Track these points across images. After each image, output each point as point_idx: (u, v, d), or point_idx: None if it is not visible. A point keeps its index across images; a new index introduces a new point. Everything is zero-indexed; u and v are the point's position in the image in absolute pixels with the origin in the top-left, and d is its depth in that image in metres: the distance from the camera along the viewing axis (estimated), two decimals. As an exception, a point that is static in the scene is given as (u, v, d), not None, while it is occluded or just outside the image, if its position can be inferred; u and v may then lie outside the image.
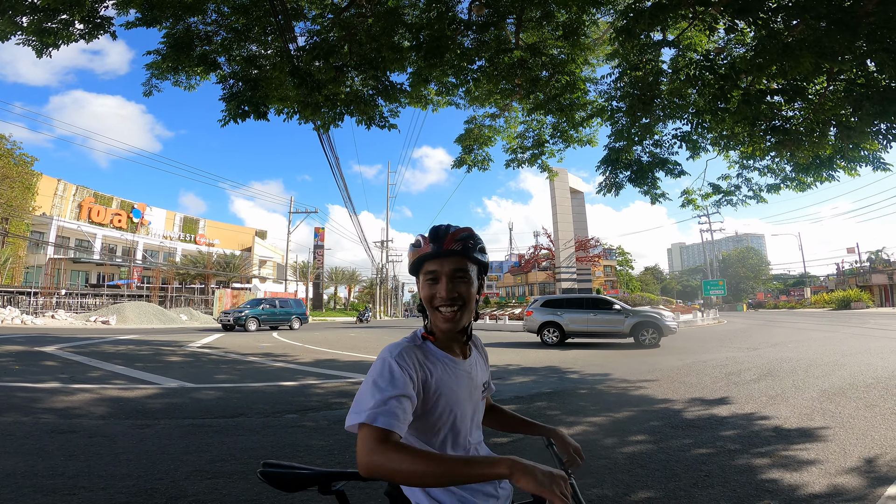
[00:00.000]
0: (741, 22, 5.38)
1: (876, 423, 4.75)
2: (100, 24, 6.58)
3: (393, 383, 1.07)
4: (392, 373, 1.09)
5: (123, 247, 44.57)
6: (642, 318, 14.21)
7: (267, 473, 1.19)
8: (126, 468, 3.58)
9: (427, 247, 1.26)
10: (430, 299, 1.24)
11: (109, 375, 8.17)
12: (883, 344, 12.28)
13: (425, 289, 1.26)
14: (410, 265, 1.29)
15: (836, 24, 4.09)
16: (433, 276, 1.24)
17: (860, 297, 46.70)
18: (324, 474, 1.22)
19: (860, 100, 5.00)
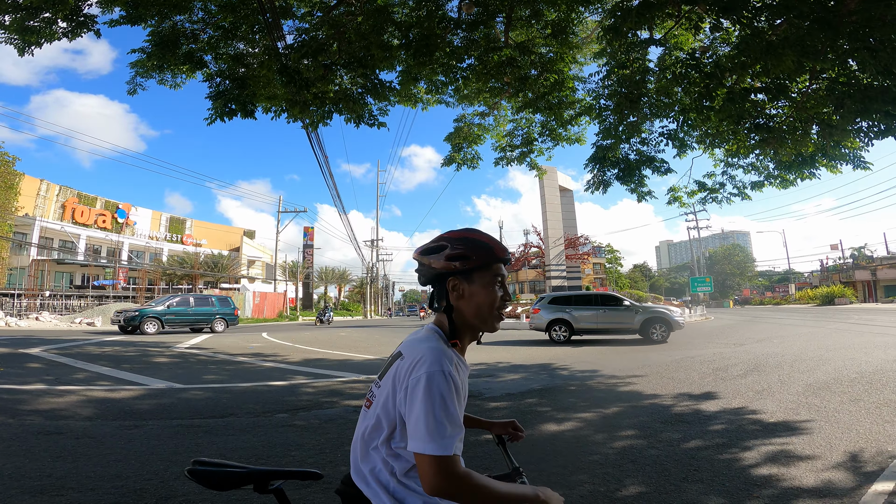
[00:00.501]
0: (726, 20, 5.45)
1: (860, 416, 4.85)
2: (83, 22, 6.46)
3: (459, 402, 1.11)
4: (457, 390, 1.10)
5: (108, 247, 43.85)
6: (652, 315, 14.33)
7: (196, 472, 1.14)
8: (114, 469, 3.54)
9: (502, 251, 1.32)
10: (498, 304, 1.29)
11: (95, 377, 8.06)
12: (866, 339, 12.53)
13: (493, 293, 1.28)
14: (479, 264, 1.28)
15: (818, 23, 4.16)
16: (502, 281, 1.31)
17: (844, 293, 47.59)
18: (259, 472, 1.18)
19: (842, 98, 5.10)
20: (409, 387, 1.11)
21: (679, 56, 6.60)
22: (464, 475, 1.04)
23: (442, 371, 1.09)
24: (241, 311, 39.22)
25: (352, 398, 6.43)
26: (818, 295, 49.11)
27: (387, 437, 1.17)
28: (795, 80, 5.84)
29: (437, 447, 1.03)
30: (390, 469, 1.17)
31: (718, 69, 5.73)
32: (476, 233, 1.33)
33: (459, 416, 1.09)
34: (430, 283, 1.34)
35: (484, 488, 1.06)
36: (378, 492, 1.15)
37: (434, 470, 1.03)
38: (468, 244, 1.29)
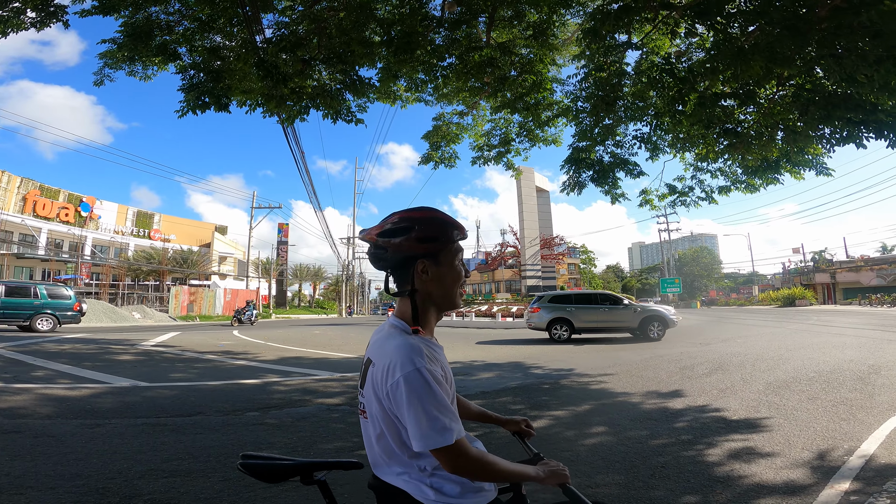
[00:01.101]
0: (701, 26, 5.60)
1: (817, 414, 5.06)
2: (53, 12, 6.21)
3: (442, 388, 1.11)
4: (436, 378, 1.10)
5: (71, 242, 42.15)
6: (650, 313, 14.76)
7: (247, 465, 1.18)
8: (75, 468, 3.42)
9: (462, 231, 1.31)
10: (461, 281, 1.30)
11: (55, 375, 7.74)
12: (824, 339, 13.10)
13: (457, 271, 1.28)
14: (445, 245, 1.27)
15: (788, 30, 4.31)
16: (462, 259, 1.32)
17: (804, 294, 49.62)
18: (305, 464, 1.21)
19: (807, 105, 5.30)
20: (391, 393, 1.11)
21: (655, 60, 6.74)
22: (476, 458, 1.11)
23: (415, 369, 1.08)
24: (212, 308, 38.35)
25: (326, 396, 6.36)
26: (780, 297, 51.07)
27: (399, 441, 1.16)
28: (764, 87, 6.05)
29: (437, 440, 1.06)
30: (420, 466, 1.18)
31: (691, 74, 5.89)
32: (438, 212, 1.29)
33: (447, 400, 1.10)
34: (392, 267, 1.28)
35: (495, 466, 1.15)
36: (418, 484, 1.17)
37: (446, 459, 1.09)
38: (435, 224, 1.26)
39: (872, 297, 43.60)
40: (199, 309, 37.69)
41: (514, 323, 24.63)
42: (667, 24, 5.84)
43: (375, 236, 1.27)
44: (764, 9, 4.64)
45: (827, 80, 5.30)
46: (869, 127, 4.90)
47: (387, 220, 1.29)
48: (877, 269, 51.67)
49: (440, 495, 1.15)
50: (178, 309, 36.08)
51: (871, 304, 41.44)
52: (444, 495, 1.16)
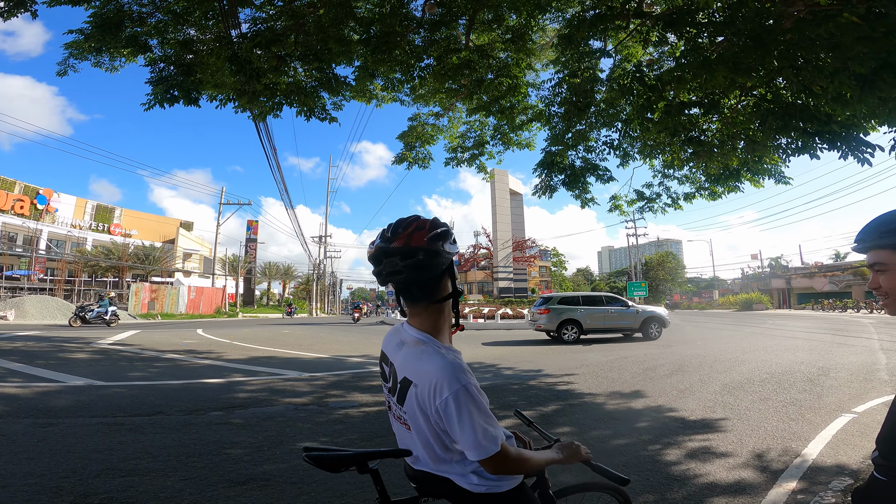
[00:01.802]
0: (671, 35, 5.79)
1: (769, 415, 5.29)
2: (21, 1, 5.92)
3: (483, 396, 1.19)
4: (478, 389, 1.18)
5: (25, 235, 40.07)
6: (650, 314, 15.57)
7: (311, 456, 1.25)
8: (27, 466, 3.28)
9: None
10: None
11: (5, 373, 7.37)
12: (778, 342, 13.71)
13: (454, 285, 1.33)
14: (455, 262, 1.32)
15: (753, 41, 4.50)
16: None
17: (761, 299, 51.68)
18: (362, 454, 1.29)
19: (766, 115, 5.54)
20: (441, 411, 1.16)
21: (627, 68, 6.93)
22: (515, 457, 1.22)
23: (462, 387, 1.15)
24: (174, 307, 37.16)
25: (293, 396, 6.26)
26: (738, 301, 53.00)
27: (445, 448, 1.24)
28: (727, 97, 6.30)
29: (488, 449, 1.15)
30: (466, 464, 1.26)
31: (660, 82, 6.08)
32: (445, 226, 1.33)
33: (488, 407, 1.19)
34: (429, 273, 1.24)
35: (530, 460, 1.27)
36: (462, 473, 1.26)
37: (494, 464, 1.17)
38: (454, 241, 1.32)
39: (825, 303, 45.87)
40: (160, 307, 36.42)
41: (485, 324, 24.79)
42: (640, 33, 6.02)
43: (429, 239, 1.23)
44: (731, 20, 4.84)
45: (786, 91, 5.57)
46: (823, 138, 5.17)
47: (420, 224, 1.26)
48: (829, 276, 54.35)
49: (482, 479, 1.26)
50: (138, 307, 34.76)
51: (824, 308, 43.59)
52: (485, 479, 1.26)
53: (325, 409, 5.55)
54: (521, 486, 1.33)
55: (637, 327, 15.32)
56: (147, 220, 51.73)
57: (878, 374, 7.80)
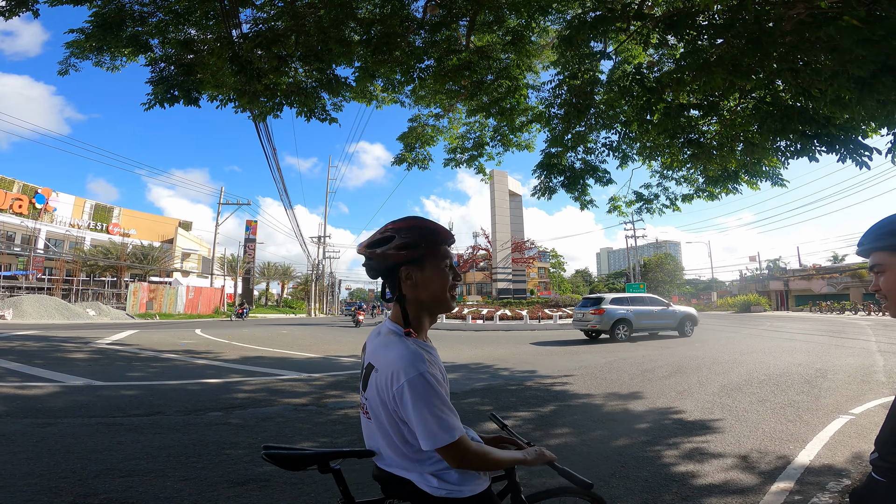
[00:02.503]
0: (672, 37, 5.81)
1: (767, 416, 5.31)
2: (23, 0, 5.92)
3: (444, 387, 1.19)
4: (437, 380, 1.17)
5: (23, 234, 39.98)
6: (685, 313, 16.65)
7: (271, 455, 1.26)
8: (26, 466, 3.28)
9: (447, 236, 1.35)
10: (451, 287, 1.34)
11: (3, 373, 7.35)
12: (776, 344, 13.73)
13: (445, 277, 1.33)
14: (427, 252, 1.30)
15: (752, 43, 4.52)
16: (451, 265, 1.36)
17: (759, 301, 51.73)
18: (323, 454, 1.29)
19: (765, 117, 5.57)
20: (396, 398, 1.17)
21: (627, 70, 6.94)
22: (475, 451, 1.20)
23: (419, 374, 1.15)
24: (173, 307, 37.12)
25: (292, 396, 6.27)
26: (736, 303, 53.05)
27: (403, 440, 1.23)
28: (727, 99, 6.32)
29: (443, 438, 1.14)
30: (423, 459, 1.25)
31: (660, 84, 6.10)
32: (421, 220, 1.35)
33: (448, 399, 1.18)
34: (382, 276, 1.34)
35: (491, 455, 1.25)
36: (421, 474, 1.25)
37: (450, 456, 1.17)
38: (416, 232, 1.31)
39: (823, 305, 45.91)
40: (159, 307, 36.37)
41: (483, 325, 24.80)
42: (640, 35, 6.03)
43: (365, 247, 1.35)
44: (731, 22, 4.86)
45: (785, 94, 5.59)
46: (822, 141, 5.19)
47: (376, 232, 1.37)
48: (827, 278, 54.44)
49: (442, 482, 1.24)
50: (136, 306, 34.73)
51: (822, 310, 43.62)
52: (446, 482, 1.24)
53: (323, 409, 5.55)
54: (486, 493, 1.31)
55: (675, 326, 16.23)
56: (146, 219, 51.67)
57: (876, 376, 7.82)
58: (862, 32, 3.56)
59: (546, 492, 1.69)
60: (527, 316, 26.16)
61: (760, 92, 5.88)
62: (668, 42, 6.17)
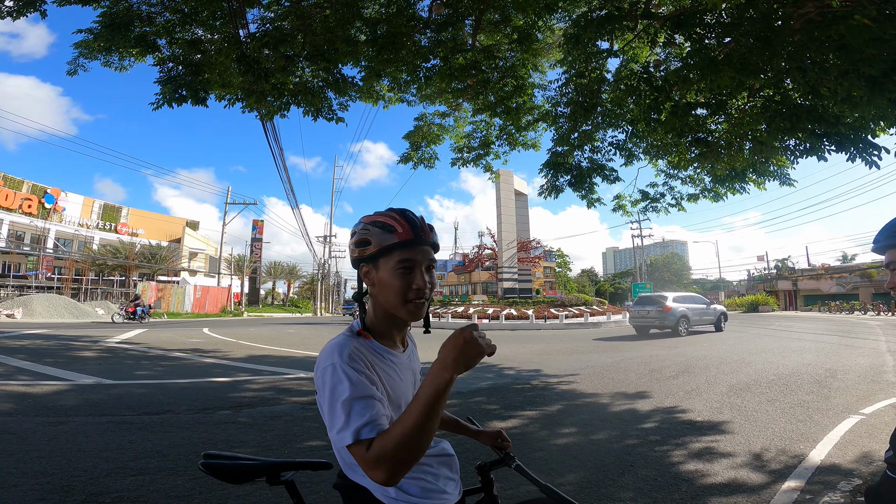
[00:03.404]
0: (679, 36, 5.78)
1: (776, 416, 5.27)
2: (31, 1, 5.99)
3: (353, 389, 1.01)
4: (349, 379, 1.02)
5: (33, 234, 40.41)
6: (721, 311, 18.91)
7: (210, 465, 1.12)
8: (38, 465, 3.31)
9: (406, 232, 1.15)
10: (404, 291, 1.14)
11: (14, 371, 7.44)
12: (784, 344, 13.62)
13: (397, 279, 1.13)
14: (378, 250, 1.15)
15: (761, 42, 4.49)
16: (408, 266, 1.14)
17: (767, 301, 51.33)
18: (271, 464, 1.18)
19: (773, 116, 5.53)
20: (316, 387, 1.08)
21: (634, 69, 6.92)
22: (391, 452, 0.94)
23: (332, 364, 1.04)
24: (181, 306, 37.39)
25: (299, 395, 6.29)
26: (744, 303, 52.68)
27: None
28: (735, 98, 6.28)
29: (342, 438, 0.99)
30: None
31: (667, 83, 6.08)
32: (385, 214, 1.20)
33: (364, 395, 1.01)
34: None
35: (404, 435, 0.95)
36: (363, 477, 1.13)
37: (360, 459, 0.98)
38: (371, 227, 1.18)
39: (832, 304, 45.49)
40: (167, 306, 36.67)
41: (489, 325, 24.79)
42: (647, 34, 6.01)
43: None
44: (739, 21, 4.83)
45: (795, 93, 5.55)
46: (831, 140, 5.15)
47: None
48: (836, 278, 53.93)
49: (401, 493, 1.13)
50: (145, 305, 34.98)
51: (831, 310, 43.23)
52: (405, 493, 1.14)
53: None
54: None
55: (714, 321, 18.32)
56: (153, 219, 52.06)
57: (886, 376, 7.75)
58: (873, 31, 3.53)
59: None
60: (532, 315, 26.12)
61: (769, 91, 5.84)
62: (676, 41, 6.14)
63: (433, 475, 1.20)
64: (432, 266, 1.21)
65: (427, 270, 1.18)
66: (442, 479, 1.22)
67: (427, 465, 1.20)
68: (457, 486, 1.27)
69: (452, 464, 1.28)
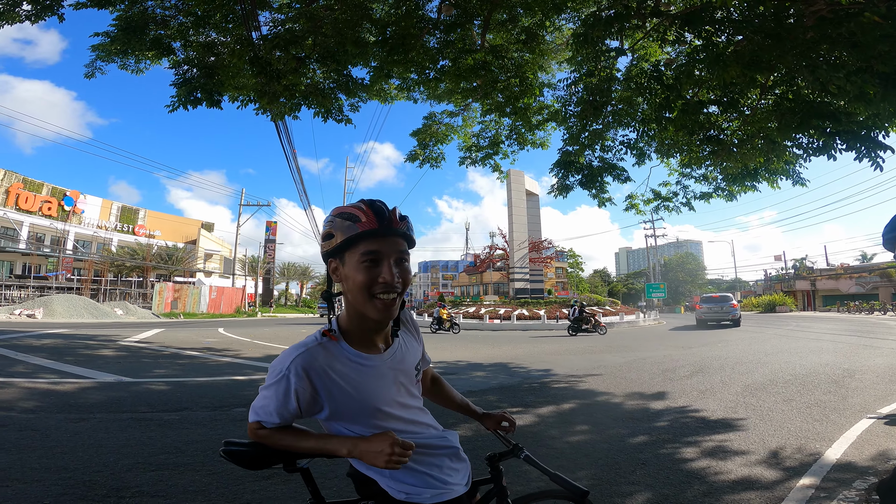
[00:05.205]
0: (689, 34, 5.76)
1: (792, 415, 5.20)
2: (49, 5, 6.17)
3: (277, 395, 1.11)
4: (280, 387, 1.10)
5: (53, 236, 41.31)
6: (738, 310, 23.23)
7: (230, 451, 1.16)
8: (61, 461, 3.41)
9: (370, 222, 1.09)
10: (369, 285, 1.09)
11: (37, 369, 7.64)
12: (802, 344, 13.40)
13: (361, 273, 1.09)
14: (341, 242, 1.10)
15: (772, 38, 4.45)
16: (374, 258, 1.09)
17: (785, 301, 50.47)
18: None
19: (785, 113, 5.48)
20: None
21: (644, 67, 6.89)
22: (263, 436, 1.16)
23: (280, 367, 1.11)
24: (196, 306, 37.97)
25: (312, 393, 6.37)
26: (761, 303, 51.87)
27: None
28: (746, 96, 6.22)
29: (250, 414, 1.16)
30: None
31: (678, 81, 6.04)
32: (349, 205, 1.14)
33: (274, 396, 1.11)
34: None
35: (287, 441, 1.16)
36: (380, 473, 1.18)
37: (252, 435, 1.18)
38: (336, 219, 1.12)
39: (851, 305, 44.57)
40: (183, 306, 37.25)
41: (501, 325, 24.76)
42: (657, 32, 5.99)
43: None
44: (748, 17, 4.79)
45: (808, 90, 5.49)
46: (843, 138, 5.09)
47: None
48: (856, 278, 52.83)
49: (399, 483, 1.16)
50: (161, 306, 35.63)
51: (850, 311, 42.37)
52: (407, 484, 1.16)
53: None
54: (455, 501, 1.19)
55: (739, 318, 22.91)
56: (169, 221, 52.88)
57: (907, 377, 7.59)
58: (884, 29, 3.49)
59: (534, 495, 1.55)
60: (544, 316, 26.03)
61: (782, 88, 5.78)
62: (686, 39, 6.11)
63: (437, 467, 1.22)
64: (404, 259, 1.14)
65: (397, 263, 1.12)
66: (445, 469, 1.24)
67: (430, 457, 1.22)
68: (464, 476, 1.28)
69: (457, 455, 1.29)
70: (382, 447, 1.06)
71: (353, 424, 1.17)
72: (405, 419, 1.21)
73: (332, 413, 1.15)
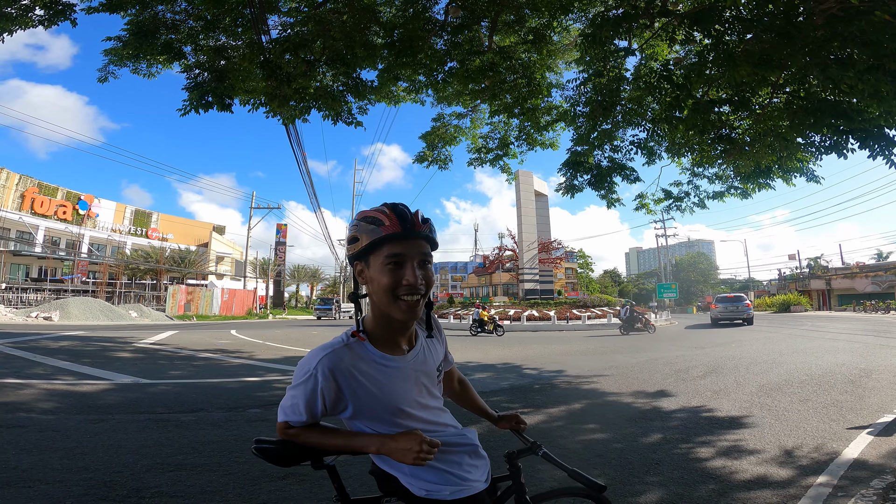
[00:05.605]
0: (698, 33, 5.73)
1: (808, 416, 5.15)
2: (61, 10, 6.29)
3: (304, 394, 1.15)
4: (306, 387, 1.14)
5: (68, 240, 41.99)
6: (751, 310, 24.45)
7: (261, 449, 1.21)
8: (81, 462, 3.48)
9: (393, 226, 1.13)
10: (393, 287, 1.12)
11: (55, 371, 7.79)
12: (818, 344, 13.22)
13: (385, 275, 1.13)
14: (365, 245, 1.14)
15: (782, 37, 4.42)
16: (398, 260, 1.13)
17: (799, 300, 49.73)
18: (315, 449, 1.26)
19: (796, 112, 5.43)
20: None
21: (653, 66, 6.85)
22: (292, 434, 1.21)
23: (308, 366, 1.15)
24: (209, 308, 38.37)
25: (324, 394, 6.42)
26: (775, 303, 51.17)
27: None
28: (758, 94, 6.17)
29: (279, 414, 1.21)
30: None
31: (688, 81, 6.01)
32: (376, 208, 1.18)
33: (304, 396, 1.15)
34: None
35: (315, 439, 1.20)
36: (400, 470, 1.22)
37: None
38: (360, 223, 1.17)
39: (867, 304, 43.79)
40: (196, 308, 37.66)
41: (510, 326, 24.70)
42: (666, 31, 5.96)
43: None
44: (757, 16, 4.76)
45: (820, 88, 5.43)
46: (856, 136, 5.03)
47: None
48: (872, 276, 51.88)
49: (420, 480, 1.19)
50: (174, 308, 36.04)
51: (866, 310, 41.64)
52: (423, 480, 1.19)
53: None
54: (474, 498, 1.22)
55: (751, 317, 24.37)
56: (182, 224, 53.50)
57: (926, 377, 7.46)
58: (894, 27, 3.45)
59: (552, 492, 1.58)
60: (554, 317, 25.92)
61: (793, 86, 5.73)
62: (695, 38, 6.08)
63: (456, 464, 1.25)
64: (427, 261, 1.18)
65: (420, 265, 1.15)
66: (465, 466, 1.26)
67: (450, 455, 1.24)
68: (483, 473, 1.30)
69: (476, 452, 1.31)
70: (411, 445, 1.10)
71: (375, 423, 1.20)
72: (425, 419, 1.24)
73: (356, 412, 1.19)
